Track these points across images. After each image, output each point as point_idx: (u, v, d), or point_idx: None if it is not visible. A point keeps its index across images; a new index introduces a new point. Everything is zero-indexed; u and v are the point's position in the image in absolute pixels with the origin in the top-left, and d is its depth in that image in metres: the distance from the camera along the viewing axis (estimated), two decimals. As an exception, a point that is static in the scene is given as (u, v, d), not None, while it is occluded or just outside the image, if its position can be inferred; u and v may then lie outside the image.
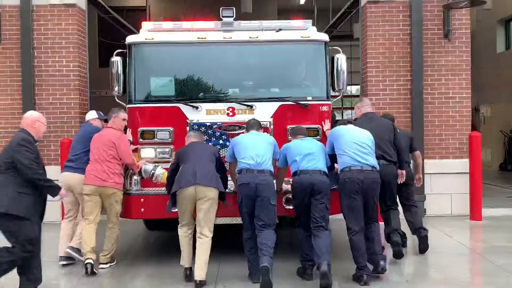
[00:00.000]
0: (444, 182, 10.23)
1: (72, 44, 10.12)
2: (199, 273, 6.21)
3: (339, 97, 7.91)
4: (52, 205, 8.99)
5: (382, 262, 6.45)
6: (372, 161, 6.46)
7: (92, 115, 7.63)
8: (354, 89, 22.96)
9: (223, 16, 7.97)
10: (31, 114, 5.95)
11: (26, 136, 5.70)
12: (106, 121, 7.47)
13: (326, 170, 6.51)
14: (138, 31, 8.01)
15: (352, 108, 22.74)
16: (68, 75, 10.12)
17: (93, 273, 6.78)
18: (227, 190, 6.77)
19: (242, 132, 7.12)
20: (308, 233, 6.40)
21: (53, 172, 9.74)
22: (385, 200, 7.20)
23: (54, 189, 5.79)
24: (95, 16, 15.94)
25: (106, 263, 7.13)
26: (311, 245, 6.31)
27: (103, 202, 7.02)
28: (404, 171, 7.27)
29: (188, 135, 6.98)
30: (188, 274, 6.46)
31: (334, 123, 7.54)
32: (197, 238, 6.36)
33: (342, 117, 21.68)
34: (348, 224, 6.40)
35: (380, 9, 10.24)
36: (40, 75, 10.13)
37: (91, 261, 6.82)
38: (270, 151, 6.53)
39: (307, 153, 6.47)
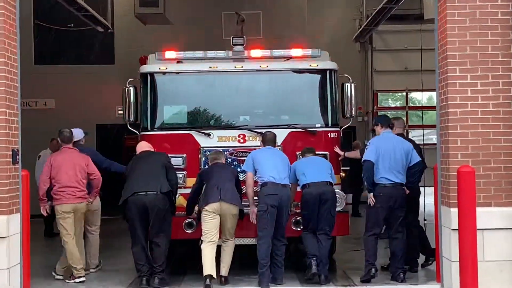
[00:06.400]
0: None
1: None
2: (225, 270, 8.64)
3: (349, 124, 9.70)
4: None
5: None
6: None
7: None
8: (425, 97, 20.16)
9: (233, 44, 9.53)
10: None
11: None
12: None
13: (331, 181, 9.01)
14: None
15: (420, 126, 18.59)
16: (-11, 78, 8.00)
17: None
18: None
19: None
20: (315, 236, 8.93)
21: None
22: None
23: None
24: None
25: None
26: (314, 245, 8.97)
27: None
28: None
29: (211, 157, 8.87)
30: (209, 281, 8.37)
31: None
32: (222, 243, 8.67)
33: (407, 136, 18.49)
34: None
35: (467, -25, 8.29)
36: None
37: None
38: (288, 170, 8.79)
39: (313, 168, 8.96)
